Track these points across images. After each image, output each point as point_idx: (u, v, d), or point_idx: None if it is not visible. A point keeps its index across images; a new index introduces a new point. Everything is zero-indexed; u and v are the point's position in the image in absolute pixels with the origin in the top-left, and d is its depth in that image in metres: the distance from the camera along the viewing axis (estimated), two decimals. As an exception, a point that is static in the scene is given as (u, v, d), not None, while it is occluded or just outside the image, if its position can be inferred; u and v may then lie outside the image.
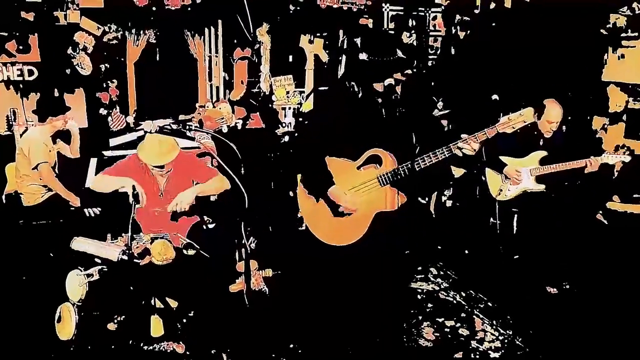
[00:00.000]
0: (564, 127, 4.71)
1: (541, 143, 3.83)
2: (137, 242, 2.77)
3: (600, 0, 4.52)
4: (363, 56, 2.61)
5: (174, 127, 2.71)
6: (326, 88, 4.51)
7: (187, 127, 2.63)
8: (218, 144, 3.53)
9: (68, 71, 4.10)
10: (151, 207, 3.00)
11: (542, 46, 4.69)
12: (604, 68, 4.77)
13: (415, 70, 4.78)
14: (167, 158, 2.96)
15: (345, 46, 4.56)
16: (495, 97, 3.70)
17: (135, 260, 2.62)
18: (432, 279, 3.79)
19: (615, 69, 4.75)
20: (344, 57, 4.42)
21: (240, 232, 2.71)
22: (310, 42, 4.63)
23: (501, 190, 3.83)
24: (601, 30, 4.74)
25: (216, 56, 4.57)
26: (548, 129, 3.76)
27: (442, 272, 3.87)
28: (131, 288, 2.68)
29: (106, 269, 2.66)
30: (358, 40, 2.61)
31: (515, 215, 3.86)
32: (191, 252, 2.87)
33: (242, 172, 2.71)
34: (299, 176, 2.83)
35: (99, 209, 3.53)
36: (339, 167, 2.67)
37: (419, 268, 3.86)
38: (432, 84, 4.91)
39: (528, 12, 4.75)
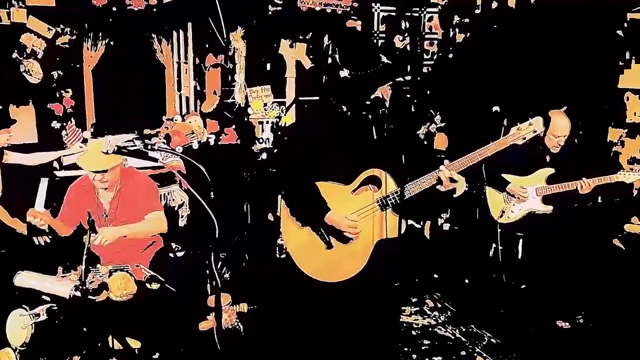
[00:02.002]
0: (575, 140, 4.86)
1: (548, 159, 3.97)
2: (93, 275, 2.83)
3: (615, -2, 4.67)
4: (344, 73, 2.63)
5: (137, 145, 2.79)
6: (310, 99, 4.61)
7: (150, 147, 2.70)
8: (188, 163, 3.59)
9: (14, 79, 4.09)
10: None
11: (550, 51, 4.83)
12: (621, 74, 4.93)
13: (405, 78, 4.89)
14: (109, 161, 3.02)
15: (330, 51, 4.69)
16: (496, 108, 3.82)
17: (90, 296, 2.66)
18: (428, 312, 3.86)
19: (634, 74, 4.91)
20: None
21: (213, 261, 2.76)
22: (292, 47, 4.75)
23: (504, 211, 3.94)
24: (617, 32, 4.91)
25: (185, 63, 4.66)
26: (555, 143, 3.89)
27: (439, 305, 3.94)
28: (85, 329, 2.71)
29: (56, 308, 2.67)
30: (336, 56, 2.67)
31: (520, 240, 3.97)
32: (155, 285, 2.91)
33: (212, 196, 2.79)
34: (281, 201, 2.83)
35: (50, 237, 3.55)
36: (331, 193, 2.68)
37: (414, 299, 3.94)
38: (428, 92, 5.04)
39: (534, 12, 4.89)
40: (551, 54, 4.85)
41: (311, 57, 4.87)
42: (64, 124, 4.26)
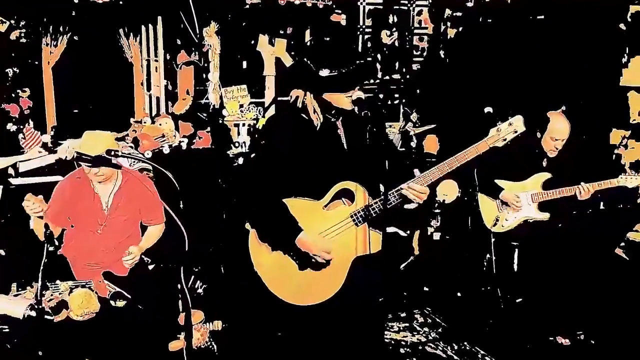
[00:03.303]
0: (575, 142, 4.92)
1: (544, 164, 4.02)
2: (51, 293, 2.82)
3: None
4: (324, 72, 2.62)
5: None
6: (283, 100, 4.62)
7: (113, 153, 2.71)
8: (157, 169, 3.59)
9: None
10: (93, 227, 3.09)
11: (548, 46, 4.90)
12: (623, 71, 5.01)
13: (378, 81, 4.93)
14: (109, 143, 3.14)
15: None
16: (488, 109, 3.86)
17: (47, 316, 2.65)
18: (417, 328, 3.88)
19: (637, 71, 4.99)
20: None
21: (185, 275, 2.75)
22: (271, 43, 4.77)
23: (497, 219, 3.99)
24: (619, 25, 4.98)
25: (155, 61, 4.65)
26: (552, 147, 3.94)
27: (429, 320, 3.97)
28: (40, 353, 2.68)
29: (7, 330, 2.64)
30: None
31: (516, 250, 4.01)
32: (120, 303, 2.92)
33: (181, 205, 2.80)
34: (249, 227, 2.80)
35: (3, 251, 3.53)
36: (301, 211, 2.67)
37: (402, 314, 3.96)
38: (418, 91, 5.08)
39: (530, 5, 4.96)
40: (549, 50, 4.92)
41: (292, 53, 4.90)
42: (21, 127, 4.23)
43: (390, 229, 4.02)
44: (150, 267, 3.81)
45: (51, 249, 2.84)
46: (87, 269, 3.30)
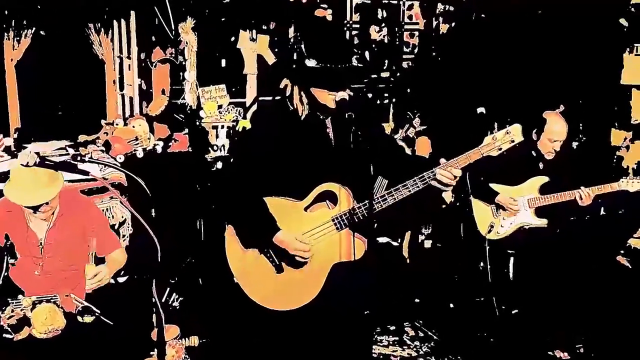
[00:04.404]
0: (574, 144, 4.96)
1: (541, 167, 4.04)
2: (12, 309, 2.77)
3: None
4: (311, 63, 2.66)
5: (62, 156, 2.77)
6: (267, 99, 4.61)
7: (80, 158, 2.67)
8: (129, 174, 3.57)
9: None
10: (29, 263, 3.01)
11: (545, 42, 4.94)
12: (624, 68, 5.05)
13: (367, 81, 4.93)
14: (45, 194, 2.91)
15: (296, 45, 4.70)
16: (481, 110, 3.87)
17: (6, 334, 2.61)
18: (408, 341, 3.88)
19: (638, 68, 5.03)
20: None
21: (161, 288, 2.73)
22: (253, 39, 4.77)
23: (492, 226, 3.99)
24: (620, 20, 5.02)
25: (128, 58, 4.63)
26: (550, 149, 3.96)
27: (420, 333, 3.97)
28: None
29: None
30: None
31: (512, 258, 4.03)
32: (88, 318, 2.88)
33: (152, 214, 2.77)
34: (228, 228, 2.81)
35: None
36: (282, 210, 2.70)
37: (392, 327, 3.96)
38: (408, 90, 5.09)
39: (527, -1, 5.00)
40: (546, 46, 4.95)
41: (276, 50, 4.90)
42: (-20, 130, 4.20)
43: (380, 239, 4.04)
44: (122, 279, 3.79)
45: (12, 261, 2.81)
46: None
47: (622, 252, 4.59)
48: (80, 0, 4.28)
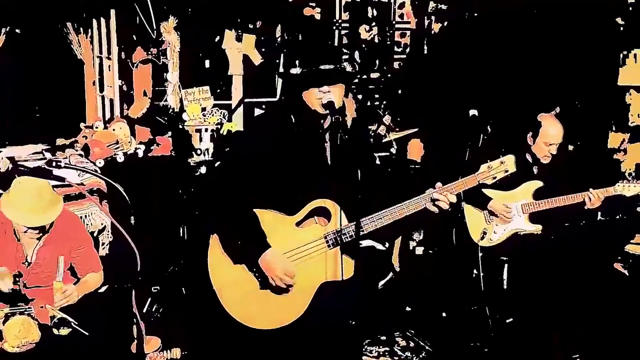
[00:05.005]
0: (570, 147, 4.97)
1: (535, 171, 4.05)
2: (-18, 321, 2.75)
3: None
4: (295, 70, 2.67)
5: (38, 162, 2.75)
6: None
7: (55, 164, 2.66)
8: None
9: None
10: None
11: (540, 42, 4.95)
12: (621, 69, 5.07)
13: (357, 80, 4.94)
14: (50, 214, 2.89)
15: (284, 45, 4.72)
16: (474, 112, 3.88)
17: (-23, 348, 2.59)
18: (399, 352, 3.88)
19: (636, 69, 5.05)
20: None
21: (142, 297, 2.71)
22: (239, 40, 4.75)
23: (485, 232, 3.99)
24: (616, 20, 5.04)
25: (109, 58, 4.61)
26: (546, 152, 3.96)
27: (412, 343, 3.97)
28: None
29: None
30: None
31: (505, 265, 4.02)
32: (65, 331, 2.86)
33: (132, 221, 2.75)
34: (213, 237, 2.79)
35: None
36: (272, 224, 2.69)
37: (383, 338, 3.95)
38: (400, 92, 5.09)
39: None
40: (541, 46, 4.97)
41: (263, 50, 4.89)
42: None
43: (366, 242, 4.01)
44: (101, 289, 3.76)
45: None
46: None
47: (619, 258, 4.60)
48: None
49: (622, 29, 5.06)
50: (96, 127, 4.40)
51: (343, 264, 2.64)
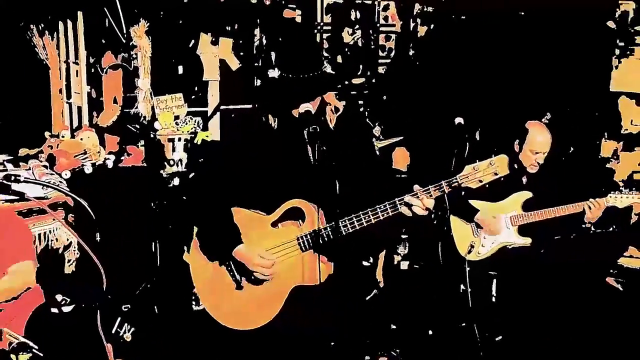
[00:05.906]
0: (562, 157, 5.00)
1: (524, 181, 4.06)
2: None
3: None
4: (274, 73, 2.70)
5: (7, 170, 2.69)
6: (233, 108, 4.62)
7: (13, 178, 2.62)
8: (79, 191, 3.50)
9: None
10: None
11: (529, 46, 4.98)
12: (613, 74, 5.11)
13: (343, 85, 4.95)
14: None
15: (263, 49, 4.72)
16: (459, 120, 3.88)
17: None
18: (384, 373, 3.87)
19: (629, 74, 5.09)
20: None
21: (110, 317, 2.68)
22: (215, 43, 4.73)
23: (472, 246, 4.01)
24: (607, 23, 5.09)
25: (76, 63, 4.58)
26: (532, 161, 3.98)
27: (397, 364, 3.96)
28: None
29: None
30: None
31: (494, 280, 4.05)
32: (24, 357, 2.81)
33: (97, 238, 2.72)
34: (195, 231, 2.85)
35: None
36: (248, 223, 2.74)
37: (367, 358, 3.94)
38: (384, 97, 5.10)
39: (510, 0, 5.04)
40: (531, 51, 4.99)
41: (242, 53, 4.89)
42: None
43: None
44: (67, 308, 3.71)
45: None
46: None
47: (611, 272, 4.62)
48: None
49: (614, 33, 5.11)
50: (62, 137, 4.38)
51: (321, 268, 2.66)
